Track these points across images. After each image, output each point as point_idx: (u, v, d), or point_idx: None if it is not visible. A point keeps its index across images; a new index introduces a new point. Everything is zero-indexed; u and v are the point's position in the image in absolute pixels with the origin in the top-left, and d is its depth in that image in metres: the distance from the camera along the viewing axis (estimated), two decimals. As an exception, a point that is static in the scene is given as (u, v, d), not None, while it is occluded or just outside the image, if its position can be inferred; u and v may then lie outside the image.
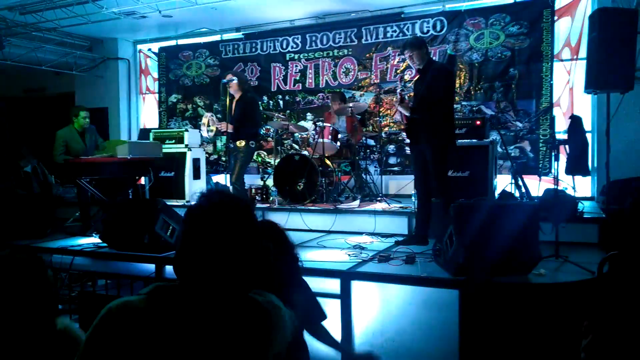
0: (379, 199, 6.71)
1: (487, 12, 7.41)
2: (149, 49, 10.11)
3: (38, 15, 7.65)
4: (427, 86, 4.83)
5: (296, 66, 8.74)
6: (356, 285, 4.01)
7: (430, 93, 4.79)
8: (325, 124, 6.91)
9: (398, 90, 5.21)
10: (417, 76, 5.18)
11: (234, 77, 6.40)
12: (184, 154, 7.34)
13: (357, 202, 6.54)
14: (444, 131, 4.85)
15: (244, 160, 6.43)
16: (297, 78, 8.74)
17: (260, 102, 8.26)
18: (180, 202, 7.05)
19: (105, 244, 5.03)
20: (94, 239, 5.42)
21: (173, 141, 7.49)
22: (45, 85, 11.10)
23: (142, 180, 6.86)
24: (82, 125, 6.56)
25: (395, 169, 8.07)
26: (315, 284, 2.75)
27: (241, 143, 6.33)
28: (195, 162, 7.44)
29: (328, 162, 6.83)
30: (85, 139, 6.61)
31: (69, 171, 6.07)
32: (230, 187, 6.39)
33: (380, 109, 8.05)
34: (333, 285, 3.99)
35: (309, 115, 8.65)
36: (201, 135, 7.48)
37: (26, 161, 8.63)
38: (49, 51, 9.04)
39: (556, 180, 4.45)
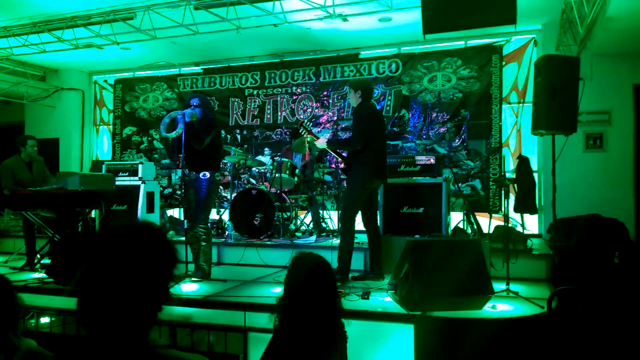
0: (335, 234, 6.74)
1: (440, 55, 7.72)
2: (105, 80, 9.99)
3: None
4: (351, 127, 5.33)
5: (255, 102, 8.80)
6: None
7: (352, 133, 5.15)
8: (283, 159, 6.94)
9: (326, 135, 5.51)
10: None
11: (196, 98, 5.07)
12: (138, 187, 7.19)
13: (314, 237, 6.55)
14: (359, 170, 5.05)
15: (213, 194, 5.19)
16: (255, 113, 8.80)
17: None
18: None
19: (51, 279, 4.83)
20: (39, 274, 5.20)
21: (127, 174, 7.34)
22: (-7, 115, 10.74)
23: (93, 214, 6.65)
24: (29, 154, 6.37)
25: (352, 205, 8.13)
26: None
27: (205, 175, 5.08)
28: (150, 195, 7.29)
29: (285, 197, 6.84)
30: (32, 169, 6.40)
31: (16, 202, 5.84)
32: (192, 227, 5.09)
33: (337, 146, 8.15)
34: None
35: (267, 150, 8.68)
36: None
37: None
38: (-2, 79, 8.80)
39: (506, 217, 4.60)
